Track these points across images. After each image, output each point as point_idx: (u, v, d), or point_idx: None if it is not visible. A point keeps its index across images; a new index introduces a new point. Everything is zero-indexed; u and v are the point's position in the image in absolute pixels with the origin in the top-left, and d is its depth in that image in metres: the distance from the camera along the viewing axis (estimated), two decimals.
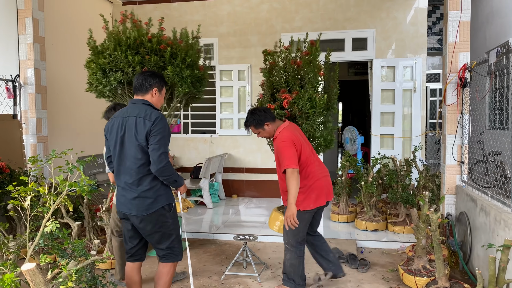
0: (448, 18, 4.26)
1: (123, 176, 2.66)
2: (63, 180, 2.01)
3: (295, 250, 3.24)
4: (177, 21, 7.30)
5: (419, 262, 3.53)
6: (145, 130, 2.56)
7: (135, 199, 2.62)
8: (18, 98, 5.15)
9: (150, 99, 2.73)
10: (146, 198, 2.62)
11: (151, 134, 2.57)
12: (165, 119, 2.66)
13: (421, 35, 6.54)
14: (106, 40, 4.10)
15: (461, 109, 4.22)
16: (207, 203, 6.38)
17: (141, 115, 2.60)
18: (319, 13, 6.83)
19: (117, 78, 3.91)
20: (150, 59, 3.85)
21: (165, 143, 2.60)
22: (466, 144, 4.24)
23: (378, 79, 6.61)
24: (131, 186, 2.63)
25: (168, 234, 2.73)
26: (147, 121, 2.57)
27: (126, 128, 2.62)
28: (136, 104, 2.69)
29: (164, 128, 2.60)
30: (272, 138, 3.34)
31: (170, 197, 2.73)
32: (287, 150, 3.08)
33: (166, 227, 2.71)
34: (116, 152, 2.66)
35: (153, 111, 2.63)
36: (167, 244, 2.75)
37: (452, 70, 4.23)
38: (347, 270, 3.89)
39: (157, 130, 2.56)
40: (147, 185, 2.62)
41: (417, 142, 6.40)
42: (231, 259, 4.23)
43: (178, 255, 2.81)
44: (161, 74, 2.88)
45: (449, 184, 4.30)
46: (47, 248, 2.44)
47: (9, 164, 4.49)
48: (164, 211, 2.68)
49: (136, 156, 2.60)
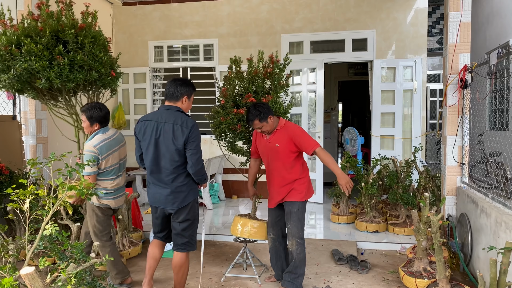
0: (449, 19, 4.25)
1: (157, 175, 3.03)
2: (62, 183, 2.00)
3: (303, 243, 3.36)
4: (177, 21, 7.29)
5: (419, 264, 3.52)
6: (184, 136, 2.91)
7: (171, 194, 3.02)
8: (17, 99, 5.14)
9: (181, 106, 3.04)
10: (181, 192, 3.03)
11: (189, 140, 2.93)
12: (197, 125, 3.02)
13: (421, 36, 6.53)
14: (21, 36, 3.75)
15: (461, 110, 4.21)
16: (207, 204, 6.37)
17: (178, 122, 2.93)
18: (319, 14, 6.82)
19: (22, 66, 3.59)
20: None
21: (200, 148, 3.00)
22: (466, 145, 4.23)
23: (379, 79, 6.60)
24: (166, 183, 3.01)
25: (194, 222, 3.17)
26: (185, 128, 2.92)
27: (162, 132, 2.95)
28: (171, 110, 3.00)
29: (198, 134, 2.99)
30: (269, 132, 3.36)
31: (197, 191, 3.18)
32: (306, 134, 3.34)
33: (194, 216, 3.14)
34: (149, 153, 3.01)
35: (188, 119, 2.97)
36: (190, 232, 3.15)
37: (452, 71, 4.22)
38: (347, 272, 3.89)
39: (194, 136, 2.94)
40: (182, 182, 3.02)
41: (417, 143, 6.39)
42: (231, 261, 4.22)
43: (194, 245, 3.20)
44: (191, 82, 3.15)
45: (449, 186, 4.29)
46: (46, 250, 2.43)
47: (8, 165, 4.48)
48: (194, 203, 3.14)
49: (173, 159, 2.96)
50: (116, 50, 7.53)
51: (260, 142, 3.49)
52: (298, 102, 6.88)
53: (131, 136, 7.49)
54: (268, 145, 3.38)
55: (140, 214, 5.14)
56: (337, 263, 4.08)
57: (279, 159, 3.35)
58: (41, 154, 5.27)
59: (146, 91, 7.50)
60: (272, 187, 3.45)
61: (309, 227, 5.42)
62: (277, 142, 3.33)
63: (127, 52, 7.49)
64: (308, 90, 6.73)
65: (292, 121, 6.93)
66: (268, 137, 3.39)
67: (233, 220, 3.82)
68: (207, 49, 7.29)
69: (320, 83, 6.57)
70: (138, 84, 7.52)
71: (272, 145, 3.36)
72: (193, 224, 3.18)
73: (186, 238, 3.14)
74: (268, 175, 3.48)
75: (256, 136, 3.54)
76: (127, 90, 7.56)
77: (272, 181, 3.44)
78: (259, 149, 3.52)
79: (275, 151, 3.35)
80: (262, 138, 3.45)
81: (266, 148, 3.41)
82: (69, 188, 1.90)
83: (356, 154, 6.89)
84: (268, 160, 3.43)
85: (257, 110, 3.27)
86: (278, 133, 3.34)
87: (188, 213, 3.10)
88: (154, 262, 3.31)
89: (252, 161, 3.70)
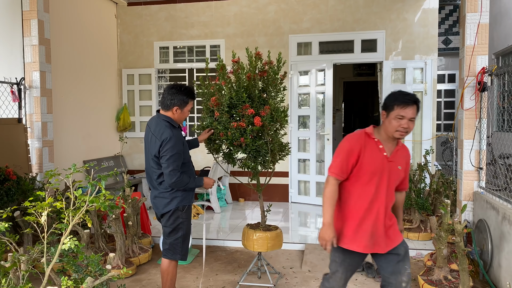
0: (466, 20, 4.16)
1: (148, 176, 3.12)
2: (81, 195, 1.90)
3: None
4: (183, 22, 7.19)
5: (440, 273, 3.43)
6: (156, 148, 2.93)
7: (155, 198, 3.07)
8: (23, 101, 5.04)
9: (171, 116, 3.02)
10: (164, 199, 3.03)
11: (161, 153, 2.91)
12: (175, 138, 2.90)
13: (432, 36, 6.44)
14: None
15: (479, 114, 4.12)
16: (215, 207, 6.28)
17: (155, 133, 2.95)
18: (327, 14, 6.72)
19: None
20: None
21: (174, 161, 2.89)
22: (484, 150, 4.14)
23: (388, 81, 6.51)
24: (154, 186, 3.09)
25: (176, 231, 3.06)
26: (158, 140, 2.91)
27: (148, 139, 3.04)
28: (159, 119, 3.03)
29: (173, 148, 2.89)
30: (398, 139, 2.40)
31: (185, 199, 3.06)
32: None
33: (176, 224, 3.05)
34: (145, 156, 3.14)
35: (165, 131, 2.91)
36: (171, 240, 3.06)
37: (470, 74, 4.13)
38: (364, 280, 3.80)
39: (165, 150, 2.88)
40: (165, 188, 3.02)
41: (428, 146, 6.30)
42: (243, 268, 4.13)
43: (177, 254, 3.08)
44: (189, 90, 3.04)
45: (466, 191, 4.20)
46: (61, 263, 2.33)
47: (14, 169, 4.37)
48: (177, 212, 3.04)
49: (153, 166, 3.03)
50: (121, 51, 7.42)
51: (373, 156, 2.36)
52: (306, 103, 6.79)
53: (136, 138, 7.44)
54: (389, 165, 2.37)
55: (148, 219, 5.04)
56: None
57: (393, 187, 2.47)
58: (46, 158, 5.17)
59: (152, 92, 7.39)
60: (376, 224, 2.39)
61: None
62: (400, 164, 2.43)
63: (132, 53, 7.38)
64: (317, 91, 6.64)
65: (299, 123, 6.91)
66: (389, 154, 2.39)
67: (245, 233, 3.60)
68: (214, 50, 7.19)
69: (329, 84, 6.47)
70: (144, 86, 7.42)
71: (394, 165, 2.39)
72: (175, 233, 3.07)
73: (167, 245, 3.09)
74: (371, 206, 2.38)
75: (361, 148, 2.36)
76: (132, 91, 7.45)
77: (377, 215, 2.38)
78: (367, 167, 2.36)
79: (396, 174, 2.42)
80: (378, 151, 2.37)
81: (384, 167, 2.36)
82: (91, 202, 1.80)
83: None
84: (380, 185, 2.37)
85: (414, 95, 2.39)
86: (400, 151, 2.44)
87: (168, 221, 3.05)
88: None
89: (335, 183, 2.39)
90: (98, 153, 6.83)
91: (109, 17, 7.18)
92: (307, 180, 6.87)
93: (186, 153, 3.10)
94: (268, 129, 3.34)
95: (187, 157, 3.12)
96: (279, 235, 3.57)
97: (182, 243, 3.09)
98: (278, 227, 3.65)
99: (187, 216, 3.11)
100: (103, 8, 7.00)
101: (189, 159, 3.16)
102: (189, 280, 3.84)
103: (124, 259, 3.96)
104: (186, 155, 3.11)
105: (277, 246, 3.56)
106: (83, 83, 6.40)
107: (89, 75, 6.56)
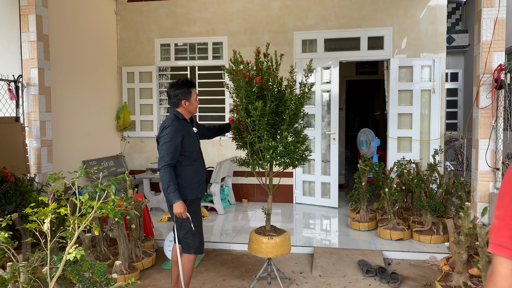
0: (482, 15, 4.01)
1: None
2: (87, 200, 1.74)
3: None
4: (184, 18, 7.01)
5: (459, 278, 3.28)
6: (158, 135, 3.05)
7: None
8: (20, 100, 4.85)
9: (182, 110, 3.11)
10: None
11: (158, 139, 3.03)
12: (173, 128, 2.94)
13: (440, 34, 6.29)
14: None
15: (495, 113, 3.98)
16: (218, 209, 6.11)
17: (161, 124, 3.10)
18: (333, 11, 6.57)
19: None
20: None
21: (166, 148, 2.90)
22: (500, 150, 4.00)
23: (395, 79, 6.36)
24: None
25: (184, 226, 3.02)
26: (160, 128, 3.06)
27: None
28: (169, 113, 3.13)
29: (168, 135, 2.92)
30: None
31: (188, 193, 3.02)
32: None
33: (181, 219, 2.98)
34: None
35: (167, 120, 3.03)
36: (182, 234, 3.05)
37: (486, 71, 3.98)
38: (377, 285, 3.65)
39: (162, 136, 2.97)
40: None
41: (437, 145, 6.16)
42: (251, 272, 3.97)
43: (190, 249, 3.07)
44: (185, 81, 3.11)
45: (481, 192, 4.06)
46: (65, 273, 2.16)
47: (12, 170, 4.19)
48: None
49: None
50: (121, 48, 7.24)
51: None
52: (311, 102, 6.63)
53: (136, 138, 7.25)
54: None
55: (151, 222, 4.87)
56: (365, 275, 3.83)
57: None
58: (45, 158, 4.99)
59: (153, 90, 7.21)
60: None
61: (328, 234, 5.18)
62: None
63: (133, 50, 7.20)
64: (322, 89, 6.48)
65: (304, 122, 6.75)
66: None
67: (252, 238, 3.46)
68: (216, 47, 7.01)
69: (336, 82, 6.32)
70: (144, 84, 7.24)
71: None
72: (183, 228, 3.04)
73: (179, 238, 3.10)
74: None
75: None
76: (133, 89, 7.27)
77: None
78: None
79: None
80: None
81: None
82: (99, 208, 1.64)
83: (372, 157, 6.66)
84: None
85: None
86: None
87: (174, 214, 3.00)
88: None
89: None
90: (98, 153, 6.65)
91: (108, 13, 6.99)
92: (312, 181, 6.71)
93: (190, 145, 3.04)
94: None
95: (190, 149, 3.04)
96: (287, 240, 3.43)
97: (193, 237, 3.05)
98: (285, 231, 3.51)
99: (192, 209, 3.03)
100: (102, 4, 6.81)
101: (193, 152, 3.08)
102: (196, 286, 3.68)
103: (127, 264, 3.79)
104: (190, 147, 3.04)
105: (285, 251, 3.42)
106: (82, 81, 6.22)
107: (88, 73, 6.38)
